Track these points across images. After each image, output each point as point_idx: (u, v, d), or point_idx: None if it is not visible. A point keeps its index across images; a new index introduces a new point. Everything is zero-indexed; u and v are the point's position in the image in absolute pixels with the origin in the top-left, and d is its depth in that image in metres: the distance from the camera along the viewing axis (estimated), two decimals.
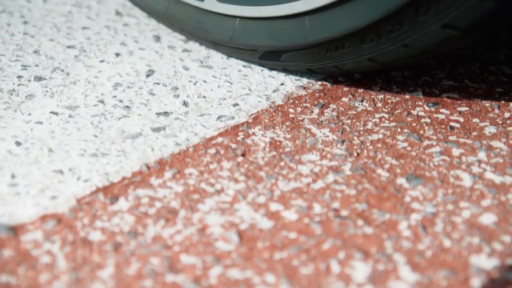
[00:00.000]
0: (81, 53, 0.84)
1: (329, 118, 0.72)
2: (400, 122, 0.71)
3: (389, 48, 0.67)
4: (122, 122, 0.71)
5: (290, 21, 0.72)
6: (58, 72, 0.80)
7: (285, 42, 0.74)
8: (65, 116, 0.72)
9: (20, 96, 0.75)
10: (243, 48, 0.79)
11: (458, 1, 0.59)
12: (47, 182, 0.61)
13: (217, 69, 0.82)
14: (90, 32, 0.89)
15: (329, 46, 0.71)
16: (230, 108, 0.75)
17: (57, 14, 0.92)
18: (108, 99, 0.75)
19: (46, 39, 0.87)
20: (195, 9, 0.81)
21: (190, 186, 0.62)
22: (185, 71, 0.81)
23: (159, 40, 0.88)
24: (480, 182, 0.61)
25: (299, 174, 0.64)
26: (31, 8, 0.93)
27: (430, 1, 0.60)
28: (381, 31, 0.66)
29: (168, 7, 0.84)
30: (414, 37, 0.64)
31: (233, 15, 0.78)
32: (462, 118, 0.71)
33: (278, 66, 0.80)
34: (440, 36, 0.63)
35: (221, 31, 0.80)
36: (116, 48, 0.85)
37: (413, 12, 0.62)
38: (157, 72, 0.81)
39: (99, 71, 0.81)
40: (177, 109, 0.74)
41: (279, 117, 0.73)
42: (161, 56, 0.84)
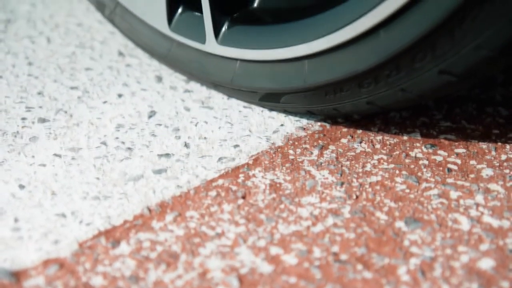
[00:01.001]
0: (84, 94, 0.85)
1: (328, 160, 0.73)
2: (399, 164, 0.72)
3: (386, 92, 0.68)
4: (124, 164, 0.72)
5: (289, 64, 0.74)
6: (61, 113, 0.81)
7: (285, 85, 0.75)
8: (68, 158, 0.73)
9: (24, 138, 0.76)
10: (243, 90, 0.81)
11: (454, 49, 0.60)
12: (49, 226, 0.62)
13: (218, 109, 0.83)
14: (93, 73, 0.90)
15: (328, 90, 0.72)
16: (231, 149, 0.76)
17: (61, 55, 0.94)
18: (110, 141, 0.76)
19: (50, 80, 0.88)
20: (196, 51, 0.83)
21: (191, 229, 0.63)
22: (186, 112, 0.83)
23: (161, 80, 0.89)
24: (478, 226, 0.62)
25: (299, 217, 0.65)
26: (35, 49, 0.95)
27: (426, 48, 0.62)
28: (379, 76, 0.67)
29: (170, 49, 0.86)
30: (411, 82, 0.66)
31: (233, 57, 0.79)
32: (459, 160, 0.72)
33: (278, 108, 0.81)
34: (437, 81, 0.64)
35: (222, 73, 0.81)
36: (118, 89, 0.87)
37: (409, 58, 0.64)
38: (159, 113, 0.82)
39: (102, 112, 0.82)
40: (179, 151, 0.75)
41: (279, 158, 0.74)
42: (162, 96, 0.86)
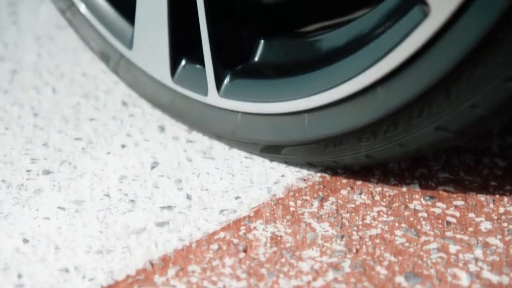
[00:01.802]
0: (88, 145, 0.87)
1: (328, 212, 0.74)
2: (398, 216, 0.73)
3: (385, 146, 0.70)
4: (127, 217, 0.73)
5: (290, 118, 0.76)
6: (65, 165, 0.82)
7: (285, 137, 0.77)
8: (72, 211, 0.74)
9: (28, 190, 0.77)
10: (244, 142, 0.82)
11: (449, 107, 0.62)
12: (53, 282, 0.63)
13: (219, 160, 0.85)
14: (97, 123, 0.92)
15: (327, 143, 0.74)
16: (232, 201, 0.77)
17: (66, 106, 0.96)
18: (113, 193, 0.77)
19: (54, 131, 0.90)
20: (198, 103, 0.84)
21: (193, 284, 0.63)
22: (188, 162, 0.84)
23: (164, 130, 0.91)
24: (478, 282, 0.63)
25: (300, 271, 0.65)
26: (40, 100, 0.97)
27: (423, 105, 0.63)
28: (377, 131, 0.69)
29: (172, 100, 0.87)
30: (409, 137, 0.67)
31: (235, 110, 0.81)
32: (458, 213, 0.73)
33: (278, 158, 0.83)
34: (433, 137, 0.65)
35: (223, 125, 0.83)
36: (122, 140, 0.88)
37: (407, 115, 0.65)
38: (161, 164, 0.83)
39: (105, 163, 0.83)
40: (181, 203, 0.76)
41: (280, 210, 0.75)
42: (165, 147, 0.87)
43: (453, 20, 0.57)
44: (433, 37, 0.58)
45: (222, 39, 0.79)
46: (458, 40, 0.57)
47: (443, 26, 0.58)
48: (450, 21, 0.57)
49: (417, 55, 0.60)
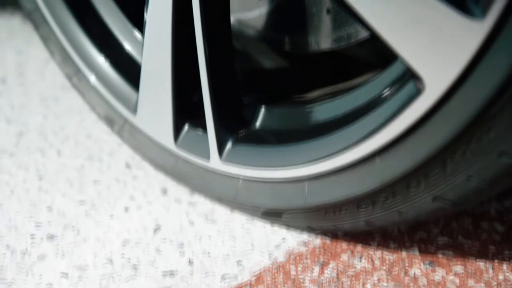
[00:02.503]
0: (91, 208, 0.88)
1: (329, 278, 0.75)
2: (397, 282, 0.74)
3: (384, 214, 0.71)
4: (129, 284, 0.74)
5: (290, 184, 0.77)
6: (69, 229, 0.84)
7: (286, 204, 0.78)
8: (75, 278, 0.74)
9: (32, 256, 0.78)
10: (246, 206, 0.84)
11: (446, 179, 0.63)
12: None
13: (221, 223, 0.86)
14: (100, 186, 0.93)
15: (327, 209, 0.75)
16: (234, 266, 0.77)
17: (70, 168, 0.98)
18: (116, 258, 0.78)
19: (59, 194, 0.91)
20: (200, 168, 0.86)
21: None
22: (190, 225, 0.85)
23: (166, 193, 0.92)
24: None
25: None
26: (45, 163, 0.99)
27: (420, 176, 0.65)
28: (376, 199, 0.70)
29: (175, 165, 0.89)
30: (407, 206, 0.68)
31: (237, 175, 0.83)
32: (458, 280, 0.74)
33: (279, 222, 0.84)
34: (431, 206, 0.67)
35: (225, 189, 0.84)
36: (125, 203, 0.90)
37: (404, 185, 0.67)
38: (164, 227, 0.85)
39: (108, 227, 0.84)
40: (183, 269, 0.77)
41: (281, 276, 0.75)
42: (167, 210, 0.88)
43: (447, 96, 0.59)
44: (428, 112, 0.60)
45: (224, 105, 0.82)
46: (452, 115, 0.59)
47: (437, 101, 0.60)
48: (445, 97, 0.59)
49: (413, 129, 0.62)
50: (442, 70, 0.58)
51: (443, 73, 0.58)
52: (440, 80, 0.59)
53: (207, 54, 0.78)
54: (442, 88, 0.59)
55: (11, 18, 1.56)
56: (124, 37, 0.92)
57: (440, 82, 0.59)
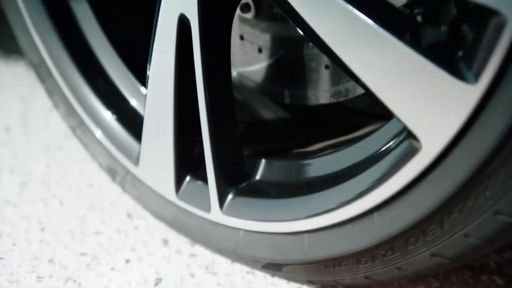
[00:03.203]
0: (93, 260, 0.89)
1: None
2: None
3: (383, 269, 0.71)
4: None
5: (290, 237, 0.78)
6: (70, 283, 0.84)
7: (286, 257, 0.79)
8: None
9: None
10: (246, 258, 0.84)
11: (444, 236, 0.64)
12: None
13: (221, 275, 0.86)
14: (102, 237, 0.94)
15: (327, 264, 0.75)
16: None
17: (72, 218, 0.98)
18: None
19: (61, 246, 0.92)
20: (201, 219, 0.87)
21: None
22: (191, 278, 0.85)
23: (167, 243, 0.93)
24: None
25: None
26: (48, 213, 1.00)
27: (418, 233, 0.66)
28: (375, 255, 0.71)
29: (176, 216, 0.90)
30: (406, 262, 0.69)
31: (237, 227, 0.83)
32: None
33: (280, 275, 0.84)
34: (430, 262, 0.67)
35: (226, 241, 0.85)
36: (126, 254, 0.90)
37: (403, 241, 0.67)
38: (165, 280, 0.85)
39: (109, 280, 0.84)
40: None
41: None
42: (168, 261, 0.89)
43: (443, 156, 0.60)
44: (425, 170, 0.62)
45: (225, 157, 0.83)
46: (449, 174, 0.60)
47: (434, 161, 0.61)
48: (441, 156, 0.60)
49: (411, 186, 0.63)
50: (437, 130, 0.59)
51: (439, 133, 0.59)
52: (436, 139, 0.60)
53: (208, 107, 0.79)
54: (438, 147, 0.60)
55: (16, 65, 1.59)
56: (129, 93, 0.94)
57: (436, 141, 0.60)
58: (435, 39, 0.61)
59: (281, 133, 0.96)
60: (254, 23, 0.90)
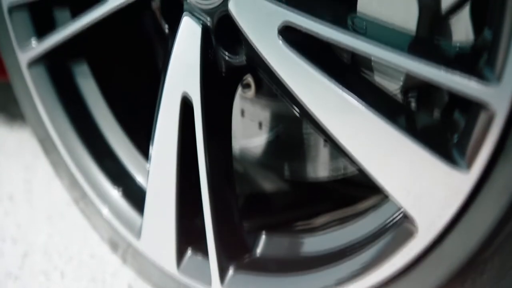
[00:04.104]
0: None
1: None
2: None
3: None
4: None
5: None
6: None
7: None
8: None
9: None
10: None
11: None
12: None
13: None
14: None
15: None
16: None
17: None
18: None
19: None
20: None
21: None
22: None
23: None
24: None
25: None
26: (49, 286, 1.00)
27: None
28: None
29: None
30: None
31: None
32: None
33: None
34: None
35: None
36: None
37: None
38: None
39: None
40: None
41: None
42: None
43: (440, 239, 0.62)
44: (422, 253, 0.63)
45: (225, 230, 0.84)
46: (445, 258, 0.62)
47: (431, 243, 0.62)
48: (437, 240, 0.62)
49: (408, 269, 0.64)
50: (433, 214, 0.61)
51: (435, 216, 0.61)
52: (431, 223, 0.61)
53: (210, 181, 0.81)
54: (434, 230, 0.61)
55: (20, 130, 1.62)
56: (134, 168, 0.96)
57: (432, 225, 0.61)
58: (428, 125, 0.64)
59: (282, 206, 0.97)
60: (255, 100, 0.92)
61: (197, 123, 0.79)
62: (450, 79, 0.54)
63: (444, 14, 0.61)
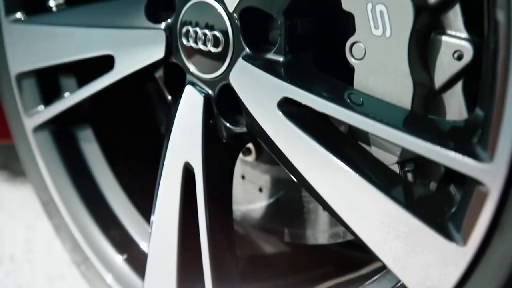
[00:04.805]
0: None
1: None
2: None
3: None
4: None
5: None
6: None
7: None
8: None
9: None
10: None
11: None
12: None
13: None
14: None
15: None
16: None
17: None
18: None
19: None
20: None
21: None
22: None
23: None
24: None
25: None
26: None
27: None
28: None
29: None
30: None
31: None
32: None
33: None
34: None
35: None
36: None
37: None
38: None
39: None
40: None
41: None
42: None
43: None
44: None
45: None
46: None
47: None
48: None
49: None
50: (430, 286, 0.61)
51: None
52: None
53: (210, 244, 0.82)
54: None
55: (22, 188, 1.63)
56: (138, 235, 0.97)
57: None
58: (425, 196, 0.65)
59: (283, 270, 0.98)
60: (255, 165, 0.94)
61: (198, 189, 0.80)
62: (444, 155, 0.56)
63: (437, 90, 0.63)
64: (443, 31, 0.62)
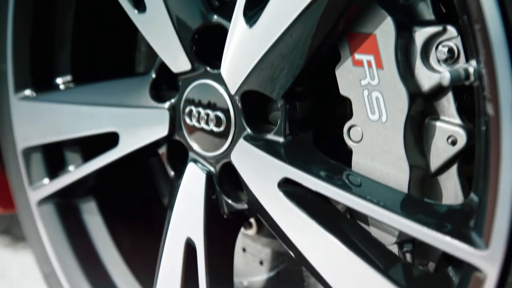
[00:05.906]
0: None
1: None
2: None
3: None
4: None
5: None
6: None
7: None
8: None
9: None
10: None
11: None
12: None
13: None
14: None
15: None
16: None
17: None
18: None
19: None
20: None
21: None
22: None
23: None
24: None
25: None
26: None
27: None
28: None
29: None
30: None
31: None
32: None
33: None
34: None
35: None
36: None
37: None
38: None
39: None
40: None
41: None
42: None
43: None
44: None
45: None
46: None
47: None
48: None
49: None
50: None
51: None
52: None
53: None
54: None
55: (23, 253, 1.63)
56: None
57: None
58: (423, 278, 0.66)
59: None
60: (256, 238, 0.95)
61: (200, 263, 0.81)
62: (441, 240, 0.57)
63: (433, 173, 0.65)
64: (437, 117, 0.65)
